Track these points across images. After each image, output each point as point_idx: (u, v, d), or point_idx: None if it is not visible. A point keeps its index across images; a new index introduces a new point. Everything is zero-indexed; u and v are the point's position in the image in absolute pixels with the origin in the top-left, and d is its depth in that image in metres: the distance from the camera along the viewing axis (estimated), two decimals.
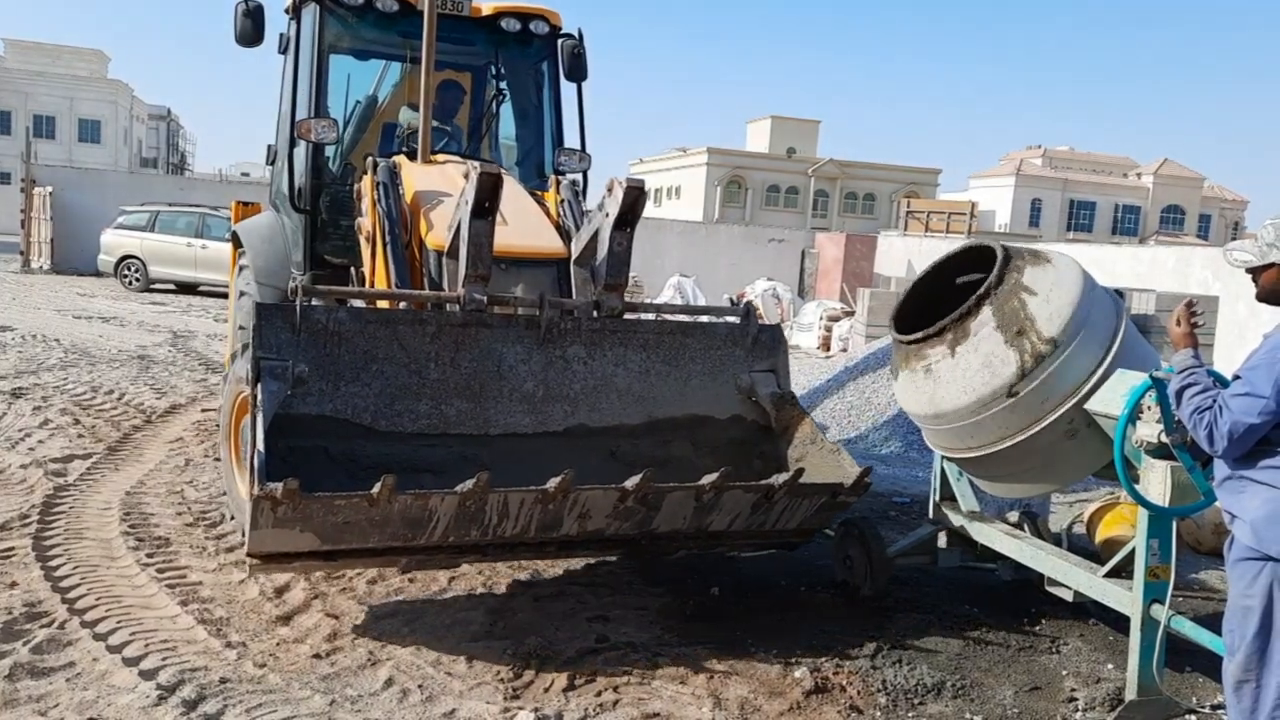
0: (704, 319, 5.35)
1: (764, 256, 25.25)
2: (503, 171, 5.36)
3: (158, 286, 19.53)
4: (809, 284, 25.27)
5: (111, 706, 3.48)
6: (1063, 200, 62.63)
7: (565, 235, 5.43)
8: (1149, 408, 3.59)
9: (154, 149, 66.41)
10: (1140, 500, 3.58)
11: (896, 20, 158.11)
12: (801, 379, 12.06)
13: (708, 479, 4.13)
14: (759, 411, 5.06)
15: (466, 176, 4.54)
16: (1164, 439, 3.49)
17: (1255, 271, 3.01)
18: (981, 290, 4.12)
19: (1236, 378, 2.95)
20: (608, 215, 4.76)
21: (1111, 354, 3.95)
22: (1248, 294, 3.26)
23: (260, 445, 3.77)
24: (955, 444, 4.41)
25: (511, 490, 3.89)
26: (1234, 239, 61.61)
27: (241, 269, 6.97)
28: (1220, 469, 3.03)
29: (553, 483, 3.89)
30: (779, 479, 4.30)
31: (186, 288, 19.54)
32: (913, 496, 6.77)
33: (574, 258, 5.12)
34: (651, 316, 5.80)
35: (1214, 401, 2.94)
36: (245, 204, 7.75)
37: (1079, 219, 62.29)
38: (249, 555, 3.89)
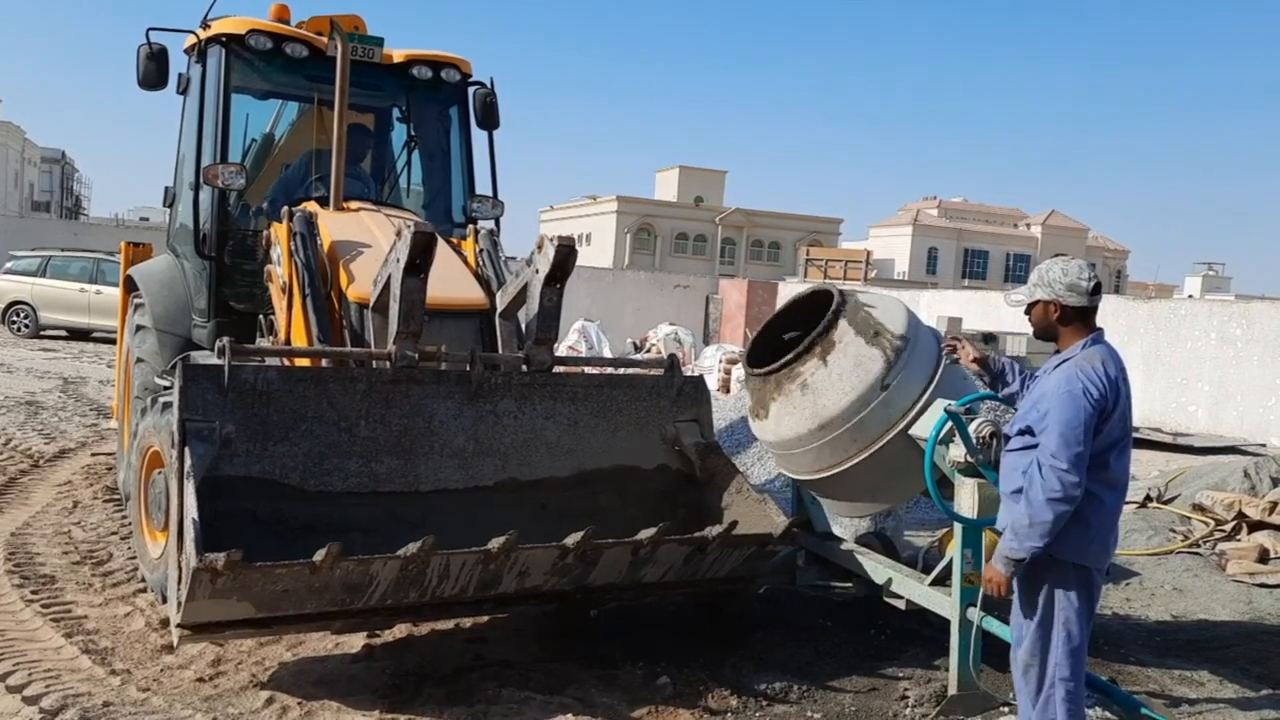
0: (630, 371, 5.44)
1: (670, 302, 25.87)
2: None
3: (48, 333, 19.09)
4: (714, 329, 26.00)
5: None
6: (957, 249, 65.44)
7: (484, 284, 5.48)
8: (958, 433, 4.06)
9: (47, 192, 64.38)
10: (950, 514, 4.04)
11: (801, 73, 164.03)
12: None
13: (645, 534, 4.17)
14: (684, 461, 5.15)
15: (399, 234, 4.58)
16: (969, 459, 3.96)
17: (1028, 310, 3.50)
18: (834, 307, 4.54)
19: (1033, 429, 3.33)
20: (538, 271, 4.82)
21: (934, 383, 4.43)
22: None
23: (194, 514, 3.68)
24: (812, 466, 4.79)
25: (454, 552, 3.86)
26: (1116, 287, 63.60)
27: (138, 328, 6.63)
28: (1003, 488, 3.50)
29: (495, 543, 3.87)
30: (713, 531, 4.36)
31: (79, 334, 19.14)
32: None
33: (500, 311, 5.21)
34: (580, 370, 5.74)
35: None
36: (135, 245, 7.59)
37: (973, 267, 65.12)
38: (180, 626, 3.78)
